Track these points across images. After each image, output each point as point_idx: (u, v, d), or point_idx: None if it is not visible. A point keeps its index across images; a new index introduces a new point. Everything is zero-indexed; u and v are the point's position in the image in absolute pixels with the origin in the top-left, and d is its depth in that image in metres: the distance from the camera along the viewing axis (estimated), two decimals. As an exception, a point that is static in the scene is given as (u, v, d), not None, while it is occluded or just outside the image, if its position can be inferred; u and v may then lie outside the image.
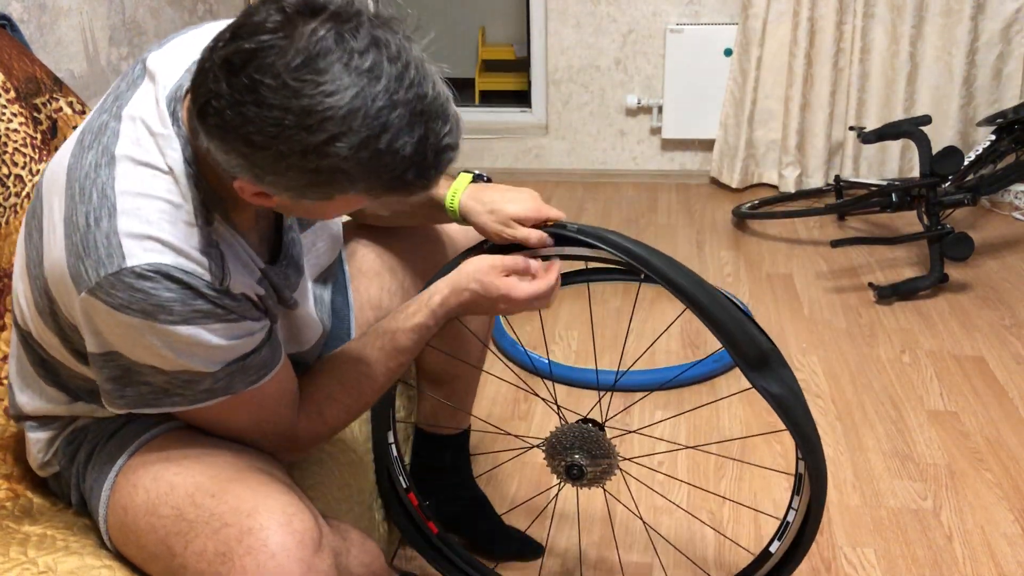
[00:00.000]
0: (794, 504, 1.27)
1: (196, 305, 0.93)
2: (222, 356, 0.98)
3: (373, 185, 0.88)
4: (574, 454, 1.29)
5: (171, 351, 0.95)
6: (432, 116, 0.88)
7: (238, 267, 0.99)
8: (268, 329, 1.05)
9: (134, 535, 1.03)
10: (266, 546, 0.92)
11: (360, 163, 0.85)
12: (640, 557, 1.67)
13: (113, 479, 1.06)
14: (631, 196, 3.62)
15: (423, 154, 0.88)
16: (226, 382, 1.00)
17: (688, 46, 3.47)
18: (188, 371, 0.97)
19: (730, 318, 1.16)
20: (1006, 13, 3.22)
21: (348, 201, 0.92)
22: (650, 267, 1.17)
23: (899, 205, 2.72)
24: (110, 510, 1.06)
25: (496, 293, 1.15)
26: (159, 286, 0.91)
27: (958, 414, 2.08)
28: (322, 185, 0.87)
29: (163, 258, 0.92)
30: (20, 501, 1.19)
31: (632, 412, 2.12)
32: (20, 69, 1.62)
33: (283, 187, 0.87)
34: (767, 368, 1.17)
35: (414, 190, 0.91)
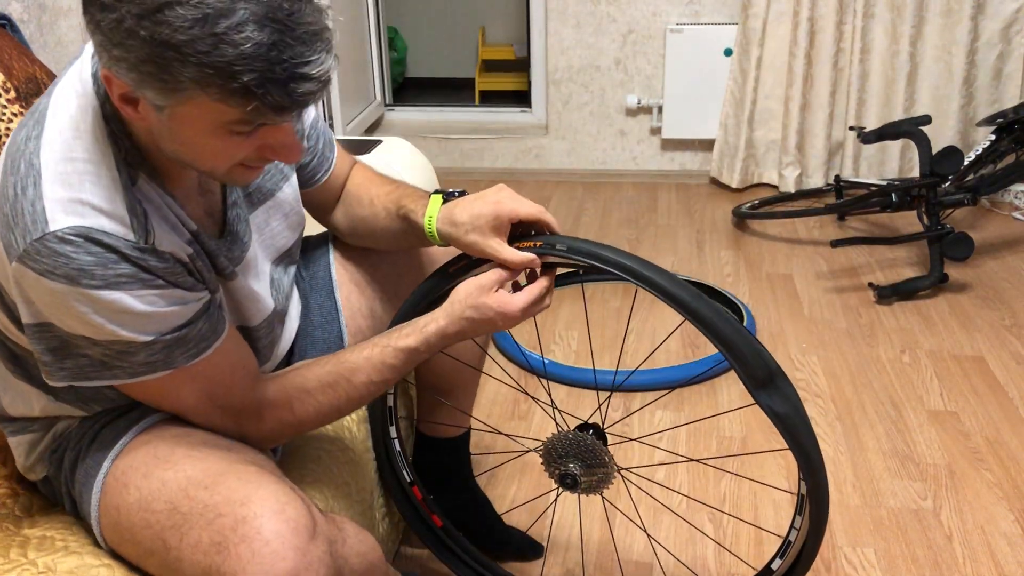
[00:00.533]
0: (796, 524, 1.25)
1: (119, 269, 0.93)
2: (154, 326, 0.97)
3: (207, 79, 0.83)
4: (568, 463, 1.27)
5: (100, 318, 0.94)
6: (293, 35, 0.84)
7: (164, 227, 0.99)
8: (206, 301, 1.04)
9: (129, 533, 1.03)
10: (260, 534, 0.93)
11: (192, 41, 0.81)
12: (640, 557, 1.67)
13: (102, 481, 1.06)
14: (631, 196, 3.62)
15: (269, 63, 0.83)
16: (164, 355, 1.00)
17: (688, 46, 3.47)
18: (120, 340, 0.96)
19: (737, 334, 1.13)
20: (1006, 13, 3.22)
21: (201, 109, 0.87)
22: (651, 283, 1.16)
23: (899, 205, 2.72)
24: (102, 511, 1.06)
25: (491, 313, 1.13)
26: (79, 250, 0.91)
27: (958, 414, 2.08)
28: (155, 63, 0.83)
29: (84, 220, 0.91)
30: (20, 500, 1.19)
31: (633, 415, 2.12)
32: (20, 69, 1.62)
33: (125, 65, 0.85)
34: (772, 386, 1.15)
35: (252, 101, 0.85)
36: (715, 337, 1.12)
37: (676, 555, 1.67)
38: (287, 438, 1.17)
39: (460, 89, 5.06)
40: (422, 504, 1.48)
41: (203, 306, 1.03)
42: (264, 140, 0.93)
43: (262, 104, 0.85)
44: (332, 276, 1.39)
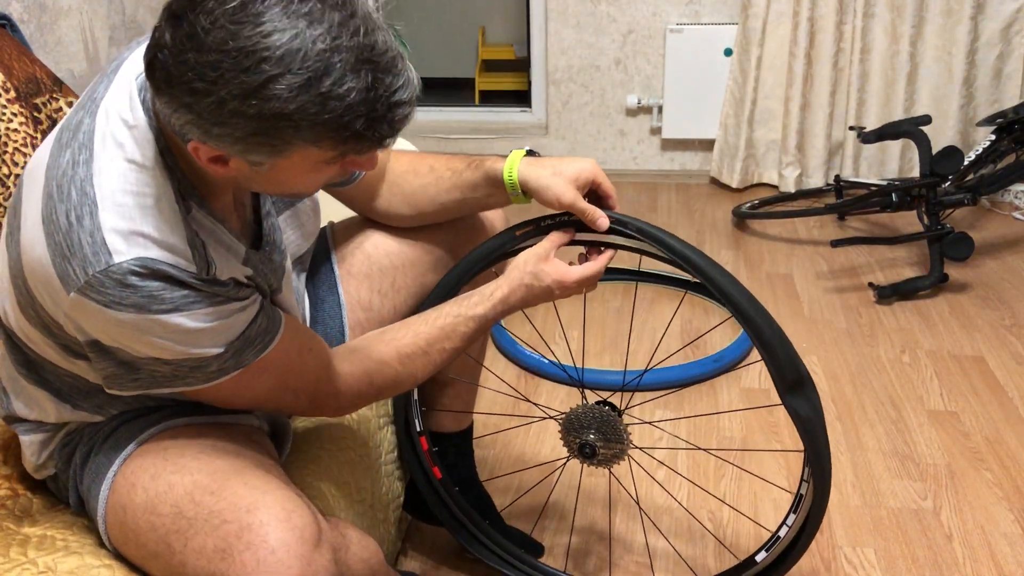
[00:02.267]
0: (788, 521, 1.29)
1: (183, 291, 0.94)
2: (223, 338, 0.99)
3: (320, 135, 0.86)
4: (589, 434, 1.34)
5: (171, 342, 0.95)
6: (381, 67, 0.86)
7: (221, 252, 1.00)
8: (259, 301, 1.05)
9: (133, 534, 1.03)
10: (266, 542, 0.93)
11: (302, 107, 0.83)
12: (640, 557, 1.67)
13: (111, 479, 1.06)
14: (631, 196, 3.62)
15: (372, 104, 0.86)
16: (235, 359, 1.02)
17: (688, 46, 3.47)
18: (192, 358, 0.98)
19: (777, 338, 1.20)
20: (1006, 13, 3.22)
21: (300, 159, 0.90)
22: (708, 278, 1.20)
23: (899, 205, 2.72)
24: (108, 510, 1.06)
25: (548, 280, 1.20)
26: (147, 280, 0.92)
27: (958, 414, 2.08)
28: (267, 134, 0.85)
29: (148, 252, 0.92)
30: (20, 500, 1.19)
31: (645, 407, 2.12)
32: (20, 69, 1.62)
33: (230, 140, 0.86)
34: (801, 391, 1.22)
35: (365, 143, 0.89)
36: (756, 337, 1.20)
37: (672, 539, 1.67)
38: (366, 404, 1.21)
39: (460, 89, 5.06)
40: (426, 455, 1.50)
41: (259, 305, 1.05)
42: (350, 159, 0.95)
43: (372, 142, 0.89)
44: (334, 270, 1.40)
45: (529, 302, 1.22)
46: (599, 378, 2.19)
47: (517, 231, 1.28)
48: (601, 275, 1.24)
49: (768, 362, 1.20)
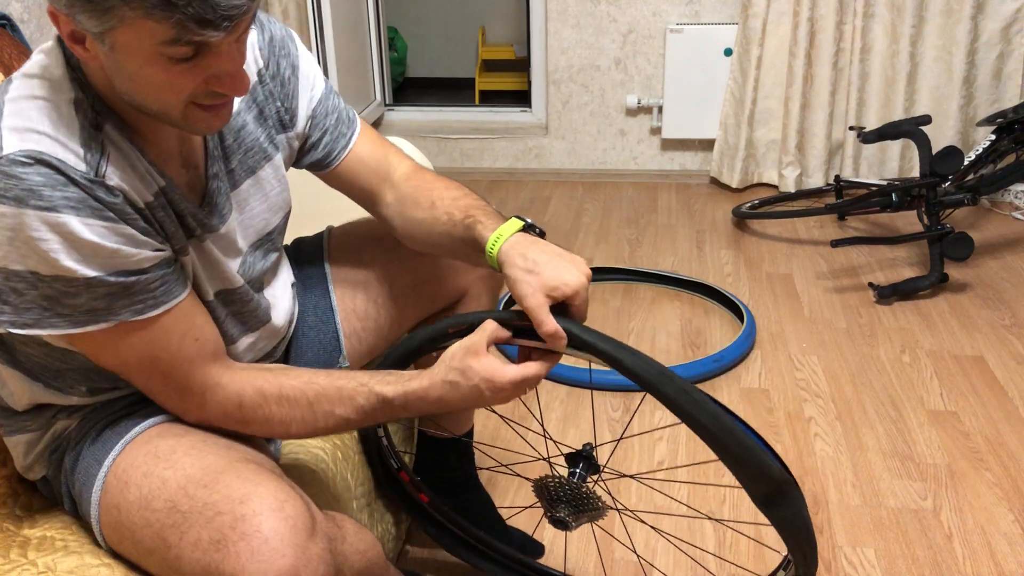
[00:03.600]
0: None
1: (67, 191, 0.92)
2: (99, 261, 0.95)
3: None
4: (560, 508, 1.19)
5: (45, 244, 0.92)
6: None
7: (126, 170, 0.98)
8: (164, 257, 1.02)
9: (129, 532, 1.03)
10: (259, 531, 0.93)
11: None
12: (640, 556, 1.67)
13: (102, 480, 1.06)
14: (631, 196, 3.62)
15: None
16: (107, 302, 0.97)
17: (688, 46, 3.47)
18: (62, 276, 0.94)
19: (745, 450, 1.02)
20: (1006, 13, 3.22)
21: (137, 33, 0.87)
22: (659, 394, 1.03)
23: (899, 205, 2.72)
24: (102, 510, 1.06)
25: (476, 379, 1.04)
26: (30, 171, 0.91)
27: (958, 414, 2.08)
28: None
29: (38, 145, 0.92)
30: (20, 500, 1.19)
31: (632, 426, 2.12)
32: (20, 69, 1.62)
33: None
34: (782, 500, 1.05)
35: (175, 14, 0.85)
36: (720, 453, 1.02)
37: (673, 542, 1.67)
38: (232, 428, 1.11)
39: (460, 89, 5.07)
40: (409, 486, 1.49)
41: (158, 260, 1.01)
42: (208, 70, 0.92)
43: (184, 16, 0.84)
44: (327, 276, 1.39)
45: (454, 403, 1.07)
46: (603, 378, 2.20)
47: (450, 329, 1.12)
48: (541, 379, 1.07)
49: (738, 477, 1.04)
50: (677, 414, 1.02)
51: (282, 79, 1.19)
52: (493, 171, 3.88)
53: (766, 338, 2.45)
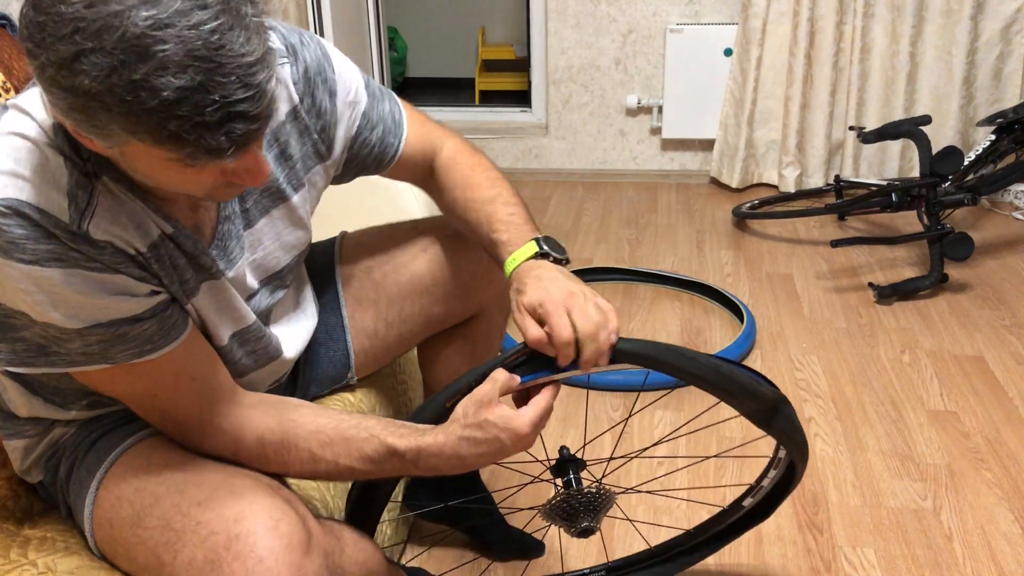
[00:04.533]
0: (769, 474, 1.35)
1: (48, 245, 0.88)
2: (88, 313, 0.92)
3: (135, 126, 0.78)
4: (579, 520, 1.19)
5: (33, 296, 0.90)
6: (223, 70, 0.77)
7: (120, 219, 0.93)
8: (162, 302, 0.99)
9: (123, 548, 1.02)
10: (254, 551, 0.92)
11: (112, 92, 0.76)
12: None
13: (94, 493, 1.05)
14: (631, 196, 3.62)
15: (198, 108, 0.77)
16: (101, 348, 0.95)
17: (688, 46, 3.47)
18: (54, 325, 0.92)
19: (742, 386, 1.12)
20: (1006, 13, 3.22)
21: (142, 150, 0.82)
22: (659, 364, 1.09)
23: (899, 205, 2.72)
24: (96, 524, 1.05)
25: (495, 431, 1.01)
26: (10, 222, 0.87)
27: (958, 414, 2.08)
28: (82, 111, 0.79)
29: (19, 193, 0.87)
30: (21, 502, 1.19)
31: (627, 421, 2.12)
32: (20, 69, 1.62)
33: (59, 109, 0.82)
34: (777, 415, 1.19)
35: (191, 149, 0.80)
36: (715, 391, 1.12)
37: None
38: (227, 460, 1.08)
39: (460, 89, 5.07)
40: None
41: (153, 305, 0.98)
42: (224, 167, 0.86)
43: (196, 149, 0.80)
44: (338, 291, 1.37)
45: (472, 460, 1.03)
46: (604, 378, 2.20)
47: (447, 403, 1.08)
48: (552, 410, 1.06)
49: (735, 407, 1.16)
50: (679, 375, 1.09)
51: (319, 110, 1.14)
52: (493, 171, 3.88)
53: (766, 338, 2.45)
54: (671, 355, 1.08)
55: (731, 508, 1.45)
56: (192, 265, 1.03)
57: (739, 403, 1.15)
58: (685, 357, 1.09)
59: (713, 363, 1.10)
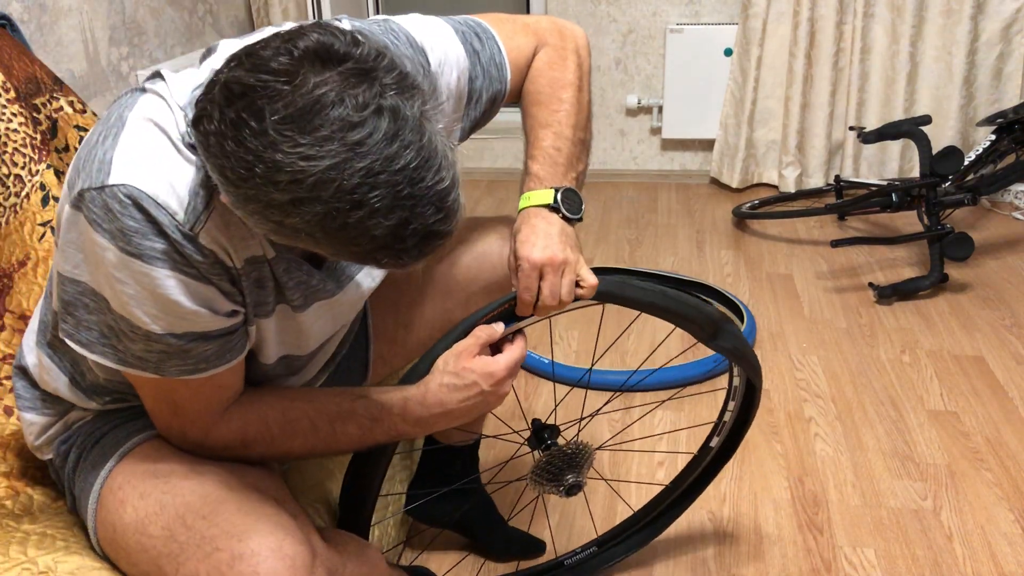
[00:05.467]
0: (729, 407, 1.46)
1: (155, 243, 0.90)
2: (168, 321, 0.94)
3: (340, 253, 0.84)
4: (565, 477, 1.29)
5: (123, 287, 0.91)
6: (423, 202, 0.82)
7: (230, 229, 0.95)
8: (235, 325, 1.00)
9: (124, 553, 1.02)
10: (256, 572, 0.92)
11: (325, 232, 0.81)
12: (640, 556, 1.67)
13: (98, 492, 1.05)
14: (631, 196, 3.62)
15: (401, 238, 0.82)
16: (159, 358, 0.97)
17: (688, 46, 3.47)
18: (129, 321, 0.94)
19: (680, 303, 1.24)
20: (1006, 13, 3.22)
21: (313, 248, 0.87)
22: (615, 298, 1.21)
23: (899, 205, 2.72)
24: (99, 524, 1.05)
25: (472, 376, 1.07)
26: (126, 212, 0.89)
27: (958, 414, 2.08)
28: (284, 237, 0.84)
29: (141, 184, 0.89)
30: (20, 499, 1.19)
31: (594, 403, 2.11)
32: (20, 69, 1.62)
33: (250, 222, 0.85)
34: (723, 334, 1.30)
35: (388, 268, 0.87)
36: (660, 313, 1.24)
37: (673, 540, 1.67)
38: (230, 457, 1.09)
39: (460, 89, 5.06)
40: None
41: (226, 327, 0.99)
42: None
43: (395, 268, 0.86)
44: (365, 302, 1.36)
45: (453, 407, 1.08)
46: (602, 379, 2.20)
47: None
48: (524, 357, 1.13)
49: (683, 327, 1.27)
50: (633, 306, 1.21)
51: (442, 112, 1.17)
52: (493, 171, 3.88)
53: (766, 338, 2.45)
54: (625, 288, 1.20)
55: (701, 452, 1.53)
56: (275, 289, 1.03)
57: (687, 324, 1.27)
58: (636, 288, 1.21)
59: (660, 290, 1.23)
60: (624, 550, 1.62)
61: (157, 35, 2.80)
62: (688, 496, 1.61)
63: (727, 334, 1.30)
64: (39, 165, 1.53)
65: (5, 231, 1.45)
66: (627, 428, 2.06)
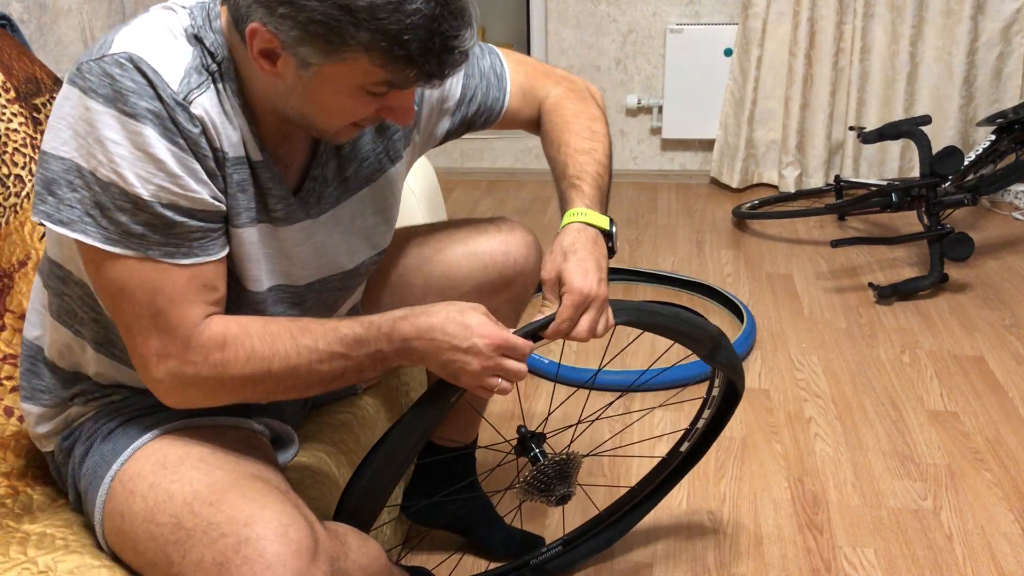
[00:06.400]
0: (704, 415, 1.49)
1: (151, 104, 0.94)
2: (158, 183, 0.95)
3: (376, 43, 0.90)
4: (556, 489, 1.28)
5: (117, 148, 0.94)
6: (449, 7, 0.91)
7: (220, 114, 1.00)
8: (217, 211, 1.01)
9: (131, 542, 1.03)
10: (262, 556, 0.93)
11: (373, 8, 0.88)
12: (640, 556, 1.67)
13: (108, 484, 1.06)
14: (631, 196, 3.62)
15: (430, 33, 0.90)
16: (143, 231, 0.96)
17: (688, 46, 3.47)
18: (118, 186, 0.95)
19: (690, 326, 1.27)
20: (1006, 13, 3.22)
21: (352, 69, 0.93)
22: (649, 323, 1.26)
23: (899, 205, 2.72)
24: (106, 515, 1.06)
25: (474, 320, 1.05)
26: (125, 74, 0.94)
27: (958, 414, 2.08)
28: (328, 25, 0.89)
29: (141, 51, 0.95)
30: (20, 498, 1.19)
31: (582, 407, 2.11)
32: (20, 69, 1.62)
33: (291, 23, 0.90)
34: (720, 350, 1.33)
35: (411, 71, 0.93)
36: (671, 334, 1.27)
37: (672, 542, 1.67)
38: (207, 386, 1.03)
39: (460, 89, 5.06)
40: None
41: (209, 210, 1.00)
42: (388, 102, 0.99)
43: (420, 71, 0.93)
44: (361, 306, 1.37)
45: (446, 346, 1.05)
46: (603, 379, 2.19)
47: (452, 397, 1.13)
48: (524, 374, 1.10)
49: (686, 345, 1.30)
50: (637, 325, 1.24)
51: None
52: (493, 171, 3.88)
53: (766, 338, 2.45)
54: (640, 314, 1.24)
55: (670, 456, 1.56)
56: (260, 198, 1.06)
57: (694, 343, 1.30)
58: (654, 313, 1.25)
59: (676, 313, 1.27)
60: (588, 550, 1.62)
61: (157, 35, 2.80)
62: (653, 497, 1.62)
63: (724, 349, 1.34)
64: (39, 165, 1.53)
65: (5, 231, 1.45)
66: (624, 431, 2.06)
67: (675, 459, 1.56)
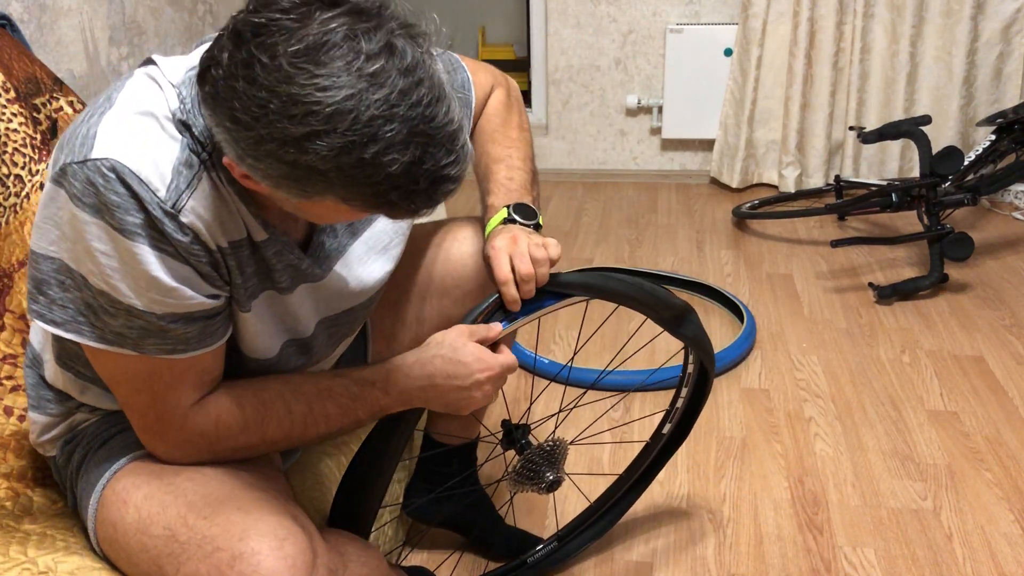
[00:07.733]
0: (682, 394, 1.50)
1: (137, 218, 0.90)
2: (151, 296, 0.93)
3: (352, 195, 0.84)
4: (545, 474, 1.32)
5: (106, 260, 0.91)
6: (435, 141, 0.83)
7: (213, 209, 0.95)
8: (216, 307, 0.99)
9: (125, 552, 1.02)
10: (257, 572, 0.92)
11: (340, 169, 0.81)
12: (640, 556, 1.67)
13: (100, 493, 1.05)
14: (631, 196, 3.62)
15: (414, 178, 0.83)
16: (138, 334, 0.96)
17: (688, 46, 3.47)
18: (110, 295, 0.93)
19: (645, 293, 1.27)
20: (1006, 13, 3.22)
21: (328, 207, 0.89)
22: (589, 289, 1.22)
23: (899, 205, 2.72)
24: (99, 524, 1.05)
25: (468, 357, 1.07)
26: (109, 186, 0.89)
27: (958, 414, 2.08)
28: (298, 181, 0.84)
29: (124, 158, 0.90)
30: (20, 500, 1.19)
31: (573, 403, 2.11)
32: (20, 69, 1.62)
33: (261, 174, 0.85)
34: (685, 322, 1.34)
35: (398, 213, 0.87)
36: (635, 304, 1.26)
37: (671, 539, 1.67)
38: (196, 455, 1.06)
39: (460, 89, 5.05)
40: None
41: (208, 309, 0.98)
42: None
43: (407, 211, 0.87)
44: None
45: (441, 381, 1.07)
46: (602, 378, 2.19)
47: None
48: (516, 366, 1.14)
49: (649, 315, 1.30)
50: (601, 296, 1.22)
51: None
52: (493, 171, 3.88)
53: (766, 338, 2.45)
54: (604, 280, 1.22)
55: (653, 439, 1.57)
56: (263, 273, 1.03)
57: (658, 314, 1.31)
58: (615, 280, 1.23)
59: (637, 282, 1.26)
60: (582, 542, 1.63)
61: (157, 35, 2.80)
62: (641, 483, 1.63)
63: (691, 323, 1.35)
64: (39, 165, 1.53)
65: (5, 231, 1.45)
66: (603, 416, 2.06)
67: (658, 442, 1.57)
